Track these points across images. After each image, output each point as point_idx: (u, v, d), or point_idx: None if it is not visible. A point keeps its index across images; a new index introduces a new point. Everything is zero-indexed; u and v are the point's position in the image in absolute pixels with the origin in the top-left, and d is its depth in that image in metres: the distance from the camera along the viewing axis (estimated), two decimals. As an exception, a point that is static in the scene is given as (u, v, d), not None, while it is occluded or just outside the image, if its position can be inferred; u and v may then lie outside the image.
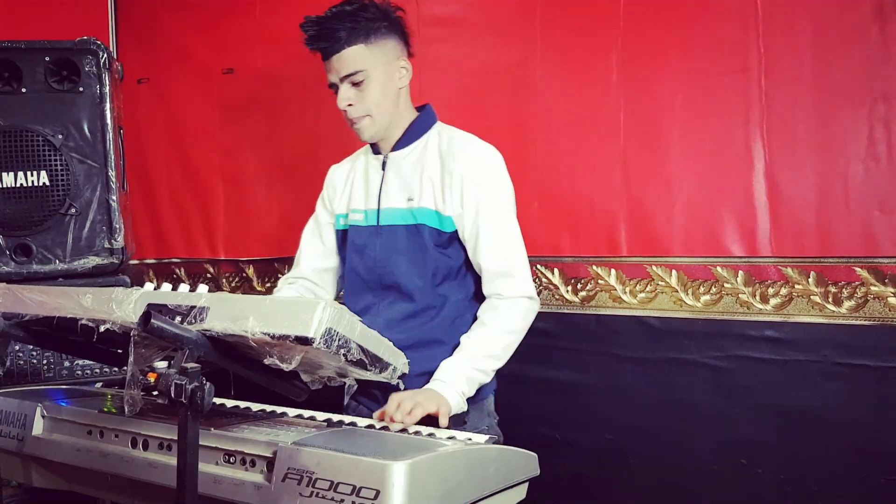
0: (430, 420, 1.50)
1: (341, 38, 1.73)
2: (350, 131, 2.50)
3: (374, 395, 1.76)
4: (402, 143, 1.83)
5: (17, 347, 1.96)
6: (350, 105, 1.76)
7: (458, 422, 1.71)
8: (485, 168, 1.76)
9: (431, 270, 1.76)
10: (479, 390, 1.71)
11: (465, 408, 1.62)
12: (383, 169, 1.84)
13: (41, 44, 2.04)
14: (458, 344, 1.71)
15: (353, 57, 1.74)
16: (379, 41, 1.76)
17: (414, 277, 1.76)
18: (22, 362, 1.99)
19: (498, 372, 1.75)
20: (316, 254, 1.97)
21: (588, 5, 2.21)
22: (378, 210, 1.82)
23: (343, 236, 1.91)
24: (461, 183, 1.73)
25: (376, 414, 1.52)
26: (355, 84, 1.75)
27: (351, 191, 1.91)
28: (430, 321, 1.77)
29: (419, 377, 1.64)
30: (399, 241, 1.78)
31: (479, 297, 1.79)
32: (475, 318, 1.75)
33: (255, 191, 2.74)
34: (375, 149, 1.88)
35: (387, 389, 1.58)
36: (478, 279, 1.79)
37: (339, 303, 1.88)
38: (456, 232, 1.76)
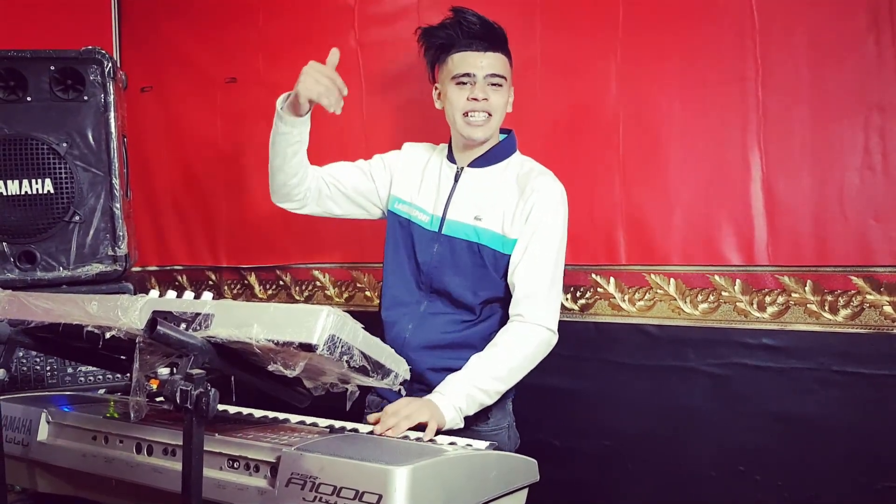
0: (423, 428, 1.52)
1: (503, 41, 1.88)
2: (348, 139, 2.54)
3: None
4: (481, 161, 1.90)
5: (20, 354, 1.96)
6: (486, 99, 1.83)
7: (482, 417, 1.77)
8: (554, 205, 1.84)
9: (483, 288, 1.83)
10: None
11: (461, 424, 1.63)
12: (456, 180, 1.90)
13: (46, 53, 2.06)
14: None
15: (504, 62, 1.88)
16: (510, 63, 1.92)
17: (465, 291, 1.83)
18: (25, 369, 2.00)
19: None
20: (347, 176, 2.00)
21: (587, 15, 2.23)
22: (443, 218, 1.87)
23: (399, 221, 1.93)
24: (531, 211, 1.80)
25: (371, 418, 1.54)
26: (493, 85, 1.84)
27: (421, 184, 1.95)
28: (469, 328, 1.83)
29: (441, 372, 1.71)
30: (457, 254, 1.84)
31: None
32: None
33: (257, 198, 2.75)
34: (451, 157, 1.93)
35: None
36: None
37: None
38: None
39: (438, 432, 1.53)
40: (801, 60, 2.00)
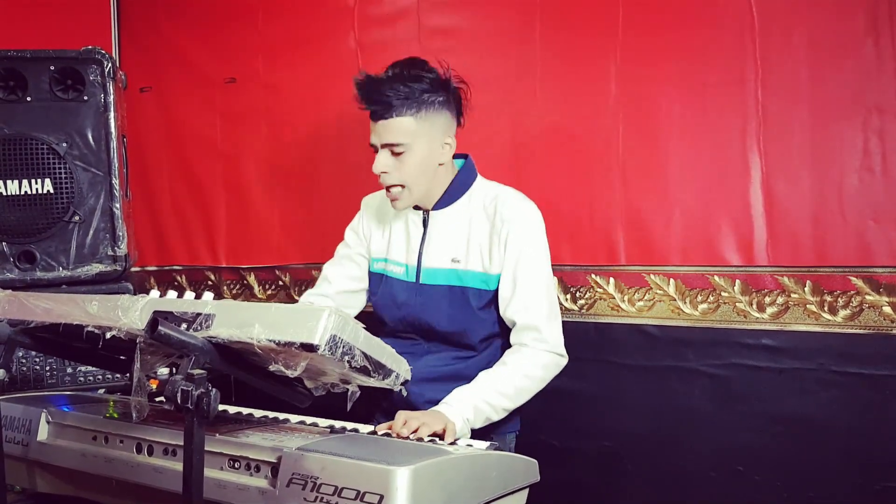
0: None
1: (392, 105, 1.70)
2: (347, 140, 2.54)
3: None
4: (443, 201, 1.83)
5: (20, 354, 1.96)
6: (385, 172, 1.74)
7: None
8: (528, 228, 1.78)
9: (474, 328, 1.80)
10: (501, 423, 1.74)
11: (468, 435, 1.63)
12: (424, 226, 1.84)
13: (46, 53, 2.06)
14: None
15: (398, 128, 1.71)
16: (429, 116, 1.73)
17: (454, 334, 1.80)
18: (25, 369, 2.00)
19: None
20: (345, 278, 1.96)
21: (586, 18, 2.23)
22: (418, 267, 1.83)
23: (378, 279, 1.90)
24: (506, 241, 1.75)
25: (381, 428, 1.52)
26: (395, 154, 1.73)
27: (390, 237, 1.90)
28: (468, 360, 1.81)
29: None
30: (441, 300, 1.80)
31: None
32: None
33: (257, 199, 2.76)
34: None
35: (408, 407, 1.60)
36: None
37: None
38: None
39: None
40: (801, 62, 2.00)
